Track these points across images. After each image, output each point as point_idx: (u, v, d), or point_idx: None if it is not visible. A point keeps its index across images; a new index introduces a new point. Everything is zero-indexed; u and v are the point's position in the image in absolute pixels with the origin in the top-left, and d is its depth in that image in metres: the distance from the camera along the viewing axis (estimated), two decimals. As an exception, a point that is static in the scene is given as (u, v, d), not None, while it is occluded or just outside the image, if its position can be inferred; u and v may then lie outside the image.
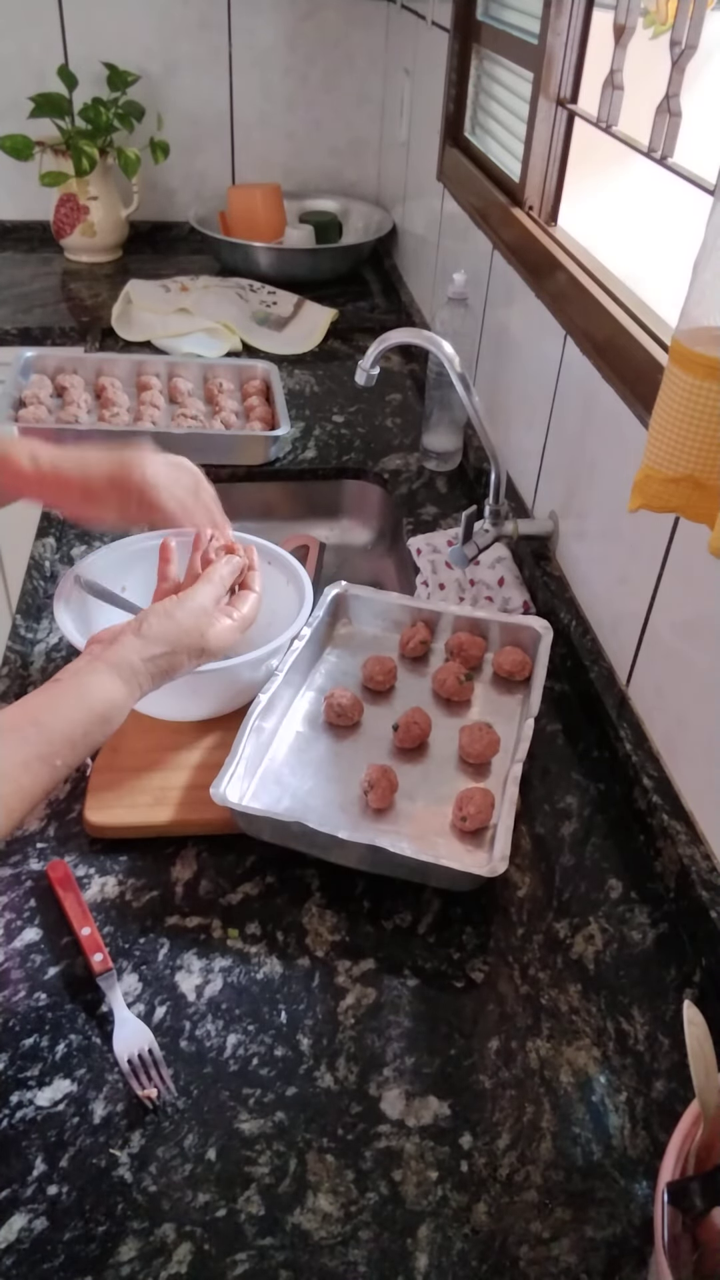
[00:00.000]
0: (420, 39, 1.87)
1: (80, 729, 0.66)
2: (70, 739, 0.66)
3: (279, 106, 2.22)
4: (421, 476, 1.45)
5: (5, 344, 1.80)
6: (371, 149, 2.30)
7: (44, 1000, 0.73)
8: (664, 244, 1.09)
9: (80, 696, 0.68)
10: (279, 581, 1.00)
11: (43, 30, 2.05)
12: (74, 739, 0.66)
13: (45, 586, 1.17)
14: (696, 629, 0.84)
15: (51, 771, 0.64)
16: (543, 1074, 0.70)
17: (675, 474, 0.68)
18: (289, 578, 1.01)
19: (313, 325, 1.87)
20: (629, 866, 0.86)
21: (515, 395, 1.33)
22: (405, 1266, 0.60)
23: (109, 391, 1.51)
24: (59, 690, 0.68)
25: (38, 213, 2.17)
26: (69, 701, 0.67)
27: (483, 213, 1.45)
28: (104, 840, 0.85)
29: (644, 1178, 0.65)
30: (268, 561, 1.05)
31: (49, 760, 0.64)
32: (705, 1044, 0.57)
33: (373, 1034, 0.72)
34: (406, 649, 1.05)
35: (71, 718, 0.66)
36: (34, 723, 0.65)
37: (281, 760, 0.92)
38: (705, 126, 0.93)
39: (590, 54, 1.20)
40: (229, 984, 0.75)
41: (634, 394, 0.93)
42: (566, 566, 1.16)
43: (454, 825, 0.86)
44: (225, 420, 1.48)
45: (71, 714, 0.66)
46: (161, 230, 2.28)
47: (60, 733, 0.65)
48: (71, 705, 0.67)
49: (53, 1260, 0.59)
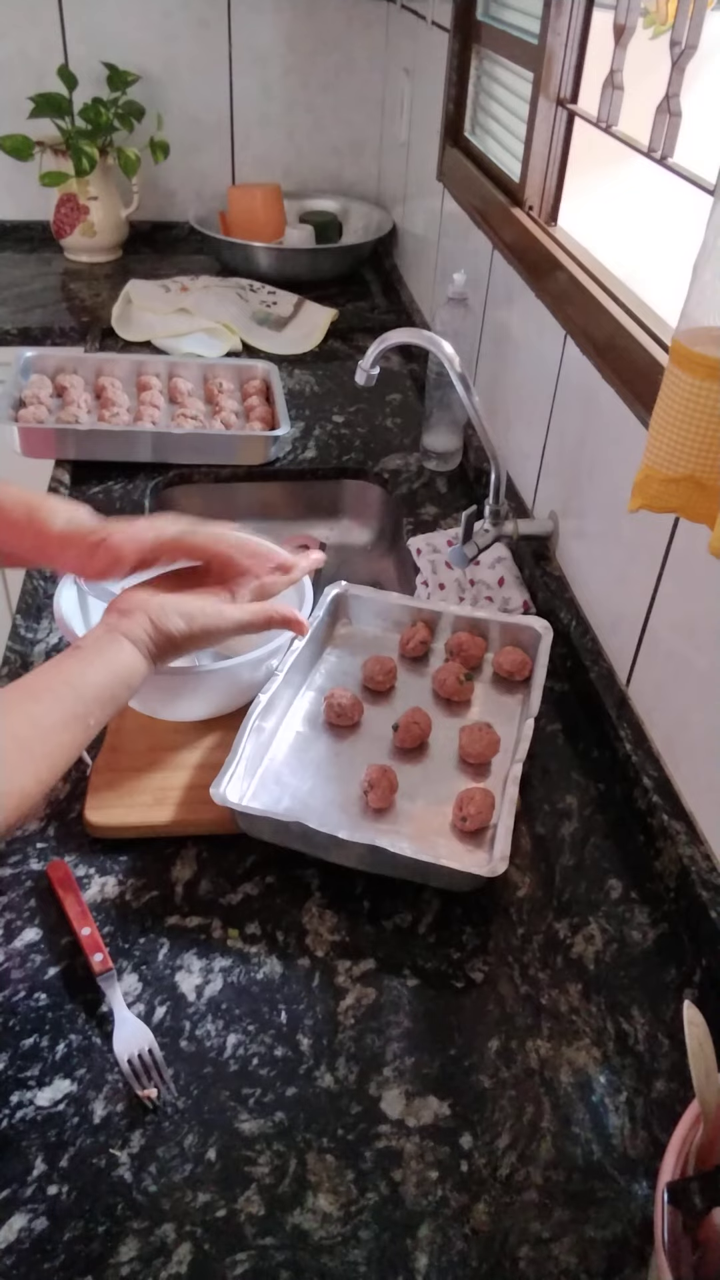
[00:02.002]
0: (420, 39, 1.87)
1: (108, 691, 0.70)
2: (100, 699, 0.69)
3: (279, 106, 2.22)
4: (421, 476, 1.45)
5: (5, 344, 1.80)
6: (371, 149, 2.30)
7: (44, 1000, 0.73)
8: (664, 244, 1.10)
9: (106, 661, 0.71)
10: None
11: (43, 30, 2.05)
12: (103, 699, 0.69)
13: (45, 586, 1.17)
14: (696, 629, 0.84)
15: (85, 730, 0.68)
16: (543, 1074, 0.70)
17: (675, 474, 0.68)
18: None
19: (313, 325, 1.87)
20: (629, 866, 0.86)
21: (515, 395, 1.33)
22: (405, 1266, 0.60)
23: (109, 391, 1.51)
24: (84, 656, 0.71)
25: (38, 213, 2.17)
26: (96, 665, 0.70)
27: (483, 213, 1.45)
28: (104, 840, 0.85)
29: (644, 1178, 0.65)
30: None
31: (84, 719, 0.67)
32: (705, 1044, 0.57)
33: (373, 1034, 0.72)
34: (406, 649, 1.05)
35: (99, 681, 0.70)
36: (67, 684, 0.68)
37: (281, 760, 0.92)
38: (705, 126, 0.93)
39: (590, 54, 1.20)
40: (229, 984, 0.75)
41: (634, 394, 0.93)
42: (566, 566, 1.16)
43: (454, 825, 0.86)
44: (225, 420, 1.48)
45: (99, 677, 0.70)
46: (161, 230, 2.28)
47: (92, 693, 0.69)
48: (99, 669, 0.70)
49: (53, 1260, 0.59)
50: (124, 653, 0.72)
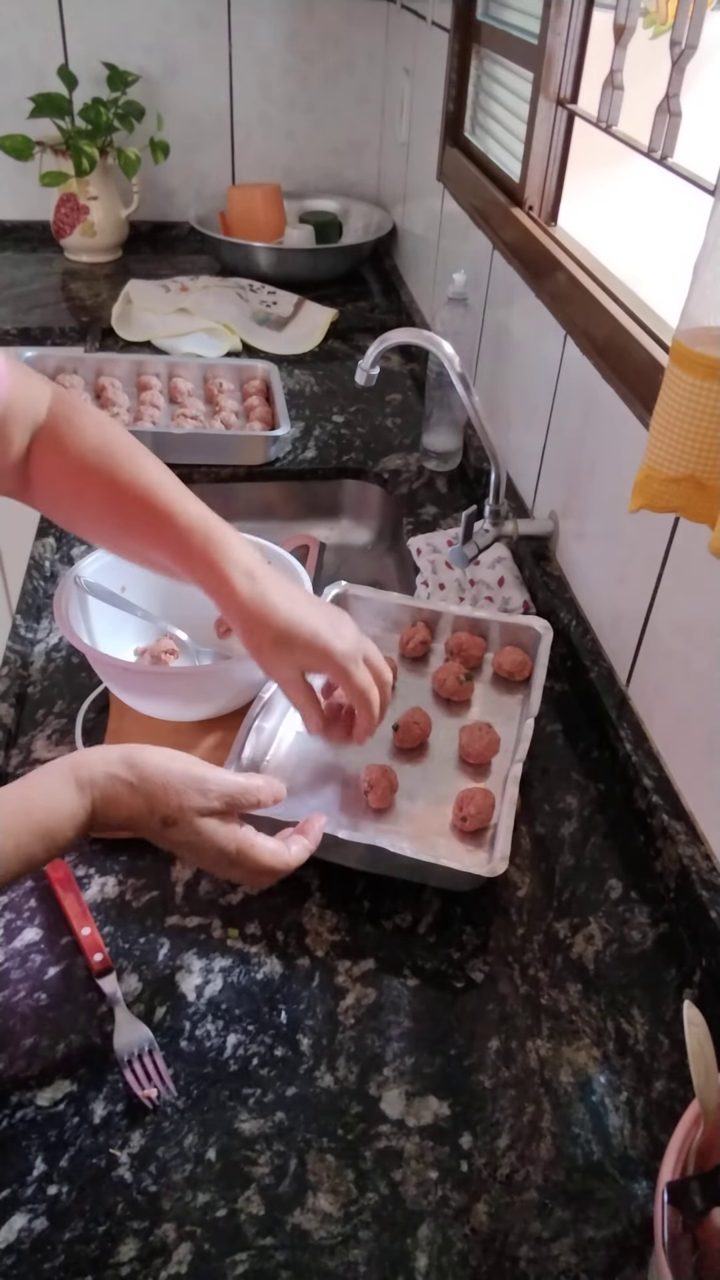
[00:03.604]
0: (420, 39, 1.87)
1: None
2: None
3: (279, 106, 2.22)
4: (421, 476, 1.45)
5: (5, 344, 1.80)
6: (371, 149, 2.30)
7: (44, 1000, 0.73)
8: (664, 244, 1.09)
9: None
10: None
11: (43, 30, 2.05)
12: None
13: (45, 586, 1.17)
14: (696, 629, 0.84)
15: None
16: (543, 1074, 0.70)
17: (676, 474, 0.68)
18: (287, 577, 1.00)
19: (313, 325, 1.87)
20: (629, 866, 0.86)
21: (515, 395, 1.33)
22: (405, 1266, 0.60)
23: (109, 391, 1.51)
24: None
25: (38, 213, 2.17)
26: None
27: (483, 213, 1.45)
28: (104, 840, 0.85)
29: (644, 1178, 0.65)
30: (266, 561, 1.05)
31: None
32: (705, 1044, 0.57)
33: (373, 1034, 0.72)
34: (407, 649, 1.05)
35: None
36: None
37: (281, 760, 0.92)
38: (705, 126, 0.93)
39: (590, 54, 1.19)
40: (229, 984, 0.75)
41: (634, 394, 0.93)
42: (566, 566, 1.16)
43: (454, 825, 0.86)
44: (225, 420, 1.48)
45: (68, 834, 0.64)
46: (161, 230, 2.28)
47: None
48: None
49: (53, 1260, 0.59)
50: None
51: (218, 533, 0.79)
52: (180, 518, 0.78)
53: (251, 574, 0.78)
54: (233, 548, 0.78)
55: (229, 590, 0.77)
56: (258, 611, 0.78)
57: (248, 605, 0.77)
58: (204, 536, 0.78)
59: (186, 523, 0.78)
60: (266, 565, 0.81)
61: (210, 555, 0.78)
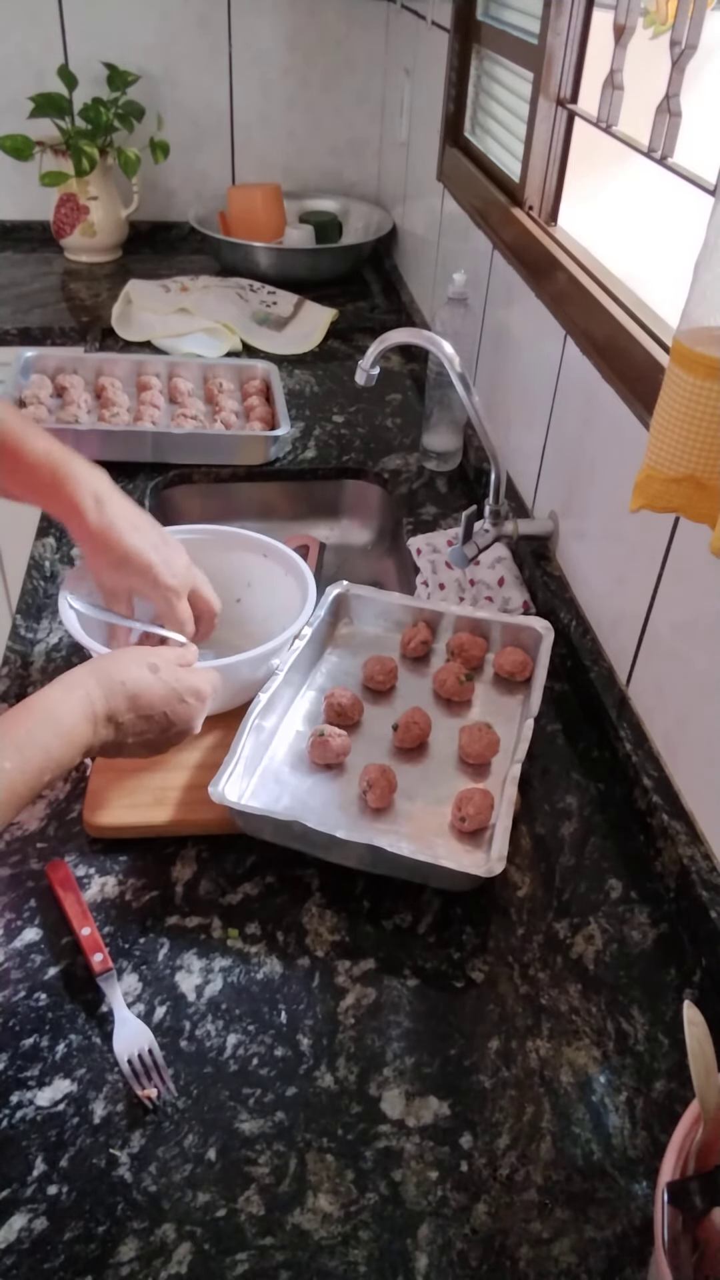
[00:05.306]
0: (420, 39, 1.87)
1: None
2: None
3: (279, 106, 2.22)
4: (421, 476, 1.45)
5: (5, 344, 1.80)
6: (371, 149, 2.30)
7: (44, 1000, 0.73)
8: (664, 244, 1.09)
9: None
10: (277, 574, 1.00)
11: (43, 30, 2.05)
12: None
13: (45, 586, 1.17)
14: (696, 629, 0.84)
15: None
16: (543, 1074, 0.70)
17: (676, 474, 0.68)
18: (287, 570, 1.01)
19: (313, 325, 1.87)
20: (629, 866, 0.86)
21: (515, 395, 1.33)
22: (405, 1266, 0.60)
23: (109, 391, 1.51)
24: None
25: (38, 213, 2.17)
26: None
27: (483, 213, 1.45)
28: (104, 840, 0.85)
29: (644, 1178, 0.65)
30: (264, 555, 1.05)
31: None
32: (705, 1044, 0.57)
33: (373, 1034, 0.72)
34: (407, 649, 1.05)
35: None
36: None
37: (281, 759, 0.92)
38: (705, 126, 0.93)
39: (590, 54, 1.19)
40: (229, 984, 0.75)
41: (634, 394, 0.93)
42: (566, 566, 1.16)
43: (453, 825, 0.86)
44: (225, 420, 1.48)
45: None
46: (161, 230, 2.28)
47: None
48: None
49: (53, 1260, 0.59)
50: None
51: (64, 464, 0.86)
52: (29, 455, 0.85)
53: (100, 500, 0.86)
54: (82, 478, 0.86)
55: (79, 517, 0.85)
56: (103, 536, 0.86)
57: (94, 530, 0.86)
58: (51, 469, 0.85)
59: (34, 459, 0.85)
60: (114, 490, 0.88)
61: (60, 485, 0.85)
